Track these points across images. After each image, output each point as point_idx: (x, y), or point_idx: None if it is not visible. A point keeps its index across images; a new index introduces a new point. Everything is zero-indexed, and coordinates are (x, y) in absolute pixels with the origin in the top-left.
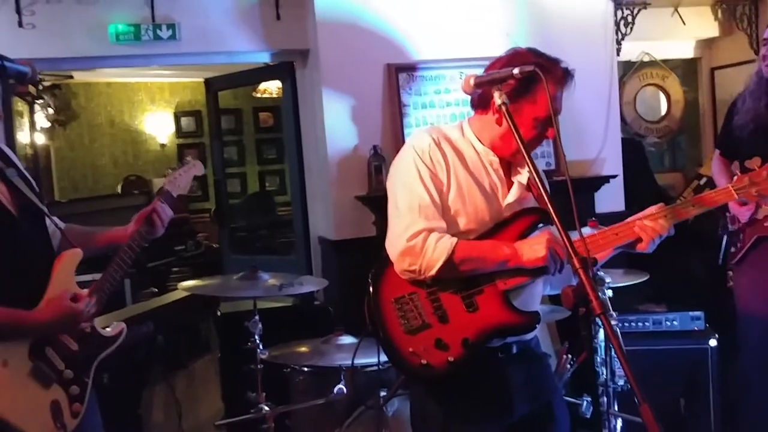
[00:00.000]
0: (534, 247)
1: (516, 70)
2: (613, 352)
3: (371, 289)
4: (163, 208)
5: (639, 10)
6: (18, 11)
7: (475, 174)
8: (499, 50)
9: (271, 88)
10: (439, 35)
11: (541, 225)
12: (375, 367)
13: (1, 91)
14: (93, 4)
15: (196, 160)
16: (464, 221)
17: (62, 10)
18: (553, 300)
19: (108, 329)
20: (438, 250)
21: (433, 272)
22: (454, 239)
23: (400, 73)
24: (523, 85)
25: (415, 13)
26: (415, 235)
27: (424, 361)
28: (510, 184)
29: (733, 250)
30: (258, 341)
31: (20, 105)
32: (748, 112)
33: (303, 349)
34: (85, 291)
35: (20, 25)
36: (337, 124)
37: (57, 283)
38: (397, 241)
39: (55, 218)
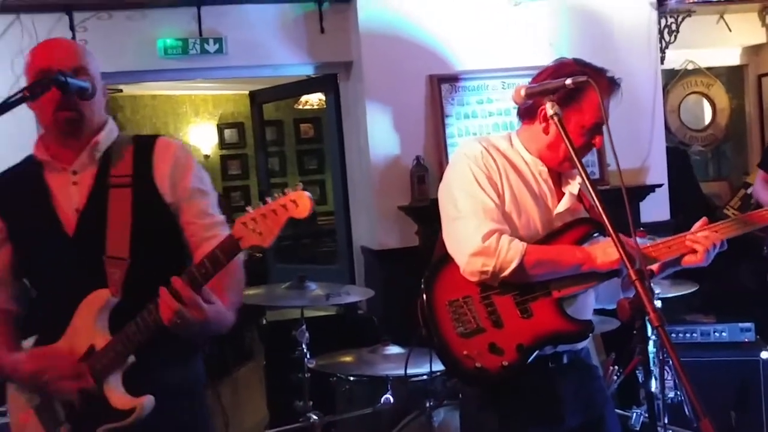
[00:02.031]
0: (608, 251)
1: (569, 81)
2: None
3: (425, 292)
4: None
5: (683, 18)
6: (71, 28)
7: (526, 182)
8: (542, 60)
9: (312, 99)
10: (481, 45)
11: (596, 235)
12: (422, 378)
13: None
14: (142, 20)
15: (301, 193)
16: (517, 228)
17: (113, 26)
18: (598, 312)
19: (126, 400)
20: (512, 251)
21: (506, 273)
22: (524, 243)
23: (443, 84)
24: (571, 94)
25: (457, 23)
26: (489, 234)
27: (478, 365)
28: (560, 195)
29: None
30: (305, 350)
31: None
32: None
33: (348, 358)
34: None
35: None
36: (380, 135)
37: (76, 324)
38: (468, 242)
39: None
